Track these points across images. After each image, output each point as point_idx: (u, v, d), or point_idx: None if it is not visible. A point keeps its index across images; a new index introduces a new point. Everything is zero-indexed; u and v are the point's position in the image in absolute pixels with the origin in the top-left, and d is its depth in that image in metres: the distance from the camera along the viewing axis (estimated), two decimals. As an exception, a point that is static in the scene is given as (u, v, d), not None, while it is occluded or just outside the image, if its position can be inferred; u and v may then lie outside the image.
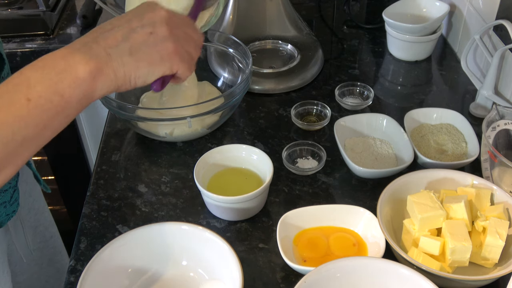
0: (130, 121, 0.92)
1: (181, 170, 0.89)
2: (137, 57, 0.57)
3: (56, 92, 0.51)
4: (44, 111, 0.51)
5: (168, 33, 0.59)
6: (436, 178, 0.77)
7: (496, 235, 0.67)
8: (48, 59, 0.53)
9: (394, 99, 1.06)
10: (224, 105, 0.89)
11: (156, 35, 0.58)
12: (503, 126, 0.80)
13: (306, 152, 0.90)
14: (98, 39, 0.56)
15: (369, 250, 0.72)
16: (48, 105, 0.51)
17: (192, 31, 0.64)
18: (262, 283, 0.71)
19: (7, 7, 1.36)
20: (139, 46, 0.57)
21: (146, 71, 0.58)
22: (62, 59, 0.52)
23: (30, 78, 0.51)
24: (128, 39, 0.56)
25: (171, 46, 0.59)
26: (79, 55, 0.53)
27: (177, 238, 0.70)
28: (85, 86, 0.53)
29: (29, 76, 0.51)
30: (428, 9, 1.17)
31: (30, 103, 0.50)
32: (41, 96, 0.50)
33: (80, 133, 1.48)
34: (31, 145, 0.52)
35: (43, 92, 0.50)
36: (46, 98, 0.51)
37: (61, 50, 0.54)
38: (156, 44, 0.58)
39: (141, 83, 0.58)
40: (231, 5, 1.16)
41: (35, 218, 0.98)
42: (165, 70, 0.60)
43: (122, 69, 0.56)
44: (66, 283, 0.72)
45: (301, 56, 1.12)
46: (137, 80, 0.58)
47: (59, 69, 0.52)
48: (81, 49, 0.54)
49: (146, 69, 0.58)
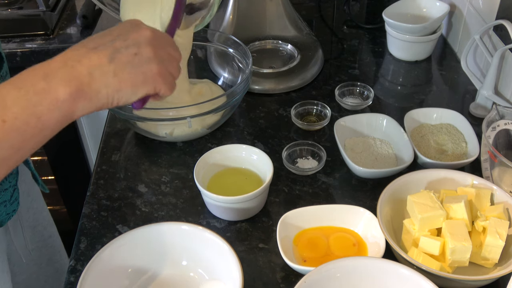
0: (130, 121, 0.92)
1: (181, 170, 0.89)
2: (120, 78, 0.55)
3: (34, 114, 0.49)
4: (19, 133, 0.49)
5: (153, 54, 0.58)
6: (436, 178, 0.77)
7: (496, 235, 0.67)
8: (28, 77, 0.51)
9: (394, 99, 1.06)
10: (224, 105, 0.89)
11: (141, 56, 0.57)
12: (503, 126, 0.80)
13: (306, 152, 0.90)
14: (81, 58, 0.53)
15: (369, 250, 0.72)
16: (24, 128, 0.49)
17: (174, 51, 0.63)
18: (262, 283, 0.71)
19: (7, 7, 1.36)
20: (123, 66, 0.55)
21: (130, 91, 0.57)
22: (42, 79, 0.50)
23: (6, 98, 0.49)
24: (113, 60, 0.55)
25: (155, 67, 0.58)
26: (60, 75, 0.51)
27: (177, 238, 0.70)
28: (65, 108, 0.51)
29: (5, 96, 0.49)
30: (428, 9, 1.17)
31: (5, 125, 0.48)
32: (17, 118, 0.48)
33: (80, 133, 1.48)
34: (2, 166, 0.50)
35: (19, 114, 0.48)
36: (23, 120, 0.49)
37: (42, 66, 0.52)
38: (141, 65, 0.57)
39: (123, 103, 0.57)
40: (231, 5, 1.16)
41: (34, 218, 0.98)
42: (148, 90, 0.58)
43: (105, 90, 0.54)
44: (66, 283, 0.72)
45: (301, 56, 1.12)
46: (120, 100, 0.56)
47: (38, 90, 0.50)
48: (62, 69, 0.52)
49: (130, 90, 0.56)
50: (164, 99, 0.63)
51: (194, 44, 1.07)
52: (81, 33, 1.29)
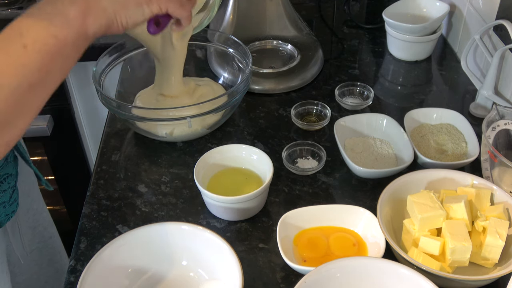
0: (130, 121, 0.92)
1: (181, 170, 0.89)
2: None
3: (50, 34, 0.52)
4: (42, 55, 0.51)
5: None
6: (436, 178, 0.77)
7: (496, 235, 0.67)
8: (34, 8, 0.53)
9: (394, 99, 1.06)
10: (224, 105, 0.89)
11: None
12: (503, 126, 0.80)
13: (306, 152, 0.90)
14: None
15: (369, 250, 0.72)
16: (45, 48, 0.51)
17: None
18: (262, 283, 0.71)
19: (7, 7, 1.36)
20: None
21: (135, 10, 0.59)
22: (49, 5, 0.53)
23: (21, 26, 0.51)
24: None
25: None
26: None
27: (177, 238, 0.70)
28: (77, 25, 0.54)
29: (19, 25, 0.51)
30: (428, 9, 1.17)
31: (27, 49, 0.50)
32: (36, 40, 0.51)
33: (80, 133, 1.48)
34: (38, 91, 0.53)
35: (37, 36, 0.51)
36: (41, 41, 0.51)
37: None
38: None
39: (132, 23, 0.60)
40: (231, 5, 1.16)
41: (34, 219, 0.98)
42: (153, 9, 0.61)
43: (111, 8, 0.57)
44: (66, 283, 0.72)
45: (301, 56, 1.12)
46: (128, 20, 0.59)
47: (48, 12, 0.52)
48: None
49: (135, 8, 0.59)
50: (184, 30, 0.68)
51: (194, 44, 1.07)
52: (81, 33, 1.29)
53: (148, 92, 0.99)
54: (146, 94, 0.99)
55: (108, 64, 0.98)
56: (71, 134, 1.47)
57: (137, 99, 0.99)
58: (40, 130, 1.38)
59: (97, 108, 1.45)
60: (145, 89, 1.01)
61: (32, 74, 0.51)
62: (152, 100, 0.95)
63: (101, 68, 0.96)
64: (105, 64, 0.98)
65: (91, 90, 1.40)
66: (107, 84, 0.97)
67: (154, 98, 0.95)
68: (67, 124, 1.44)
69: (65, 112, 1.41)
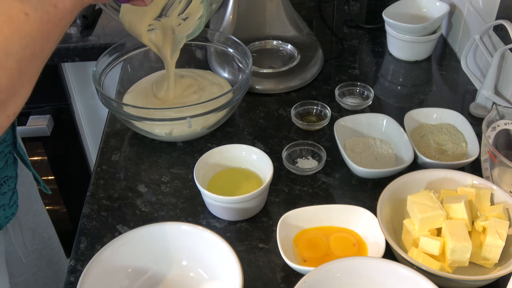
0: (129, 121, 0.92)
1: (181, 170, 0.89)
2: None
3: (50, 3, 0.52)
4: (44, 23, 0.52)
5: None
6: (436, 178, 0.77)
7: (496, 235, 0.67)
8: None
9: (394, 99, 1.06)
10: (224, 105, 0.89)
11: None
12: (503, 126, 0.80)
13: (306, 152, 0.90)
14: None
15: (369, 250, 0.72)
16: (46, 17, 0.52)
17: None
18: (262, 283, 0.71)
19: None
20: None
21: None
22: None
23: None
24: None
25: None
26: None
27: (177, 238, 0.70)
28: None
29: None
30: (428, 9, 1.17)
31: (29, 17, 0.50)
32: (38, 8, 0.51)
33: (80, 133, 1.48)
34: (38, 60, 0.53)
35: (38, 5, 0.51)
36: (43, 10, 0.52)
37: None
38: None
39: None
40: (231, 5, 1.16)
41: (33, 220, 0.98)
42: None
43: None
44: (66, 283, 0.72)
45: (301, 56, 1.12)
46: None
47: None
48: None
49: None
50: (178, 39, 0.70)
51: (194, 44, 1.07)
52: (81, 33, 1.29)
53: (140, 90, 1.01)
54: (138, 91, 1.01)
55: (108, 64, 0.98)
56: (71, 134, 1.47)
57: (127, 94, 1.01)
58: (40, 130, 1.38)
59: (97, 108, 1.45)
60: (135, 85, 1.03)
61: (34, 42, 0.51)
62: (150, 94, 0.97)
63: (101, 68, 0.96)
64: (105, 64, 0.98)
65: (91, 90, 1.40)
66: (107, 84, 0.98)
67: (151, 93, 0.97)
68: (67, 124, 1.44)
69: (65, 112, 1.41)
